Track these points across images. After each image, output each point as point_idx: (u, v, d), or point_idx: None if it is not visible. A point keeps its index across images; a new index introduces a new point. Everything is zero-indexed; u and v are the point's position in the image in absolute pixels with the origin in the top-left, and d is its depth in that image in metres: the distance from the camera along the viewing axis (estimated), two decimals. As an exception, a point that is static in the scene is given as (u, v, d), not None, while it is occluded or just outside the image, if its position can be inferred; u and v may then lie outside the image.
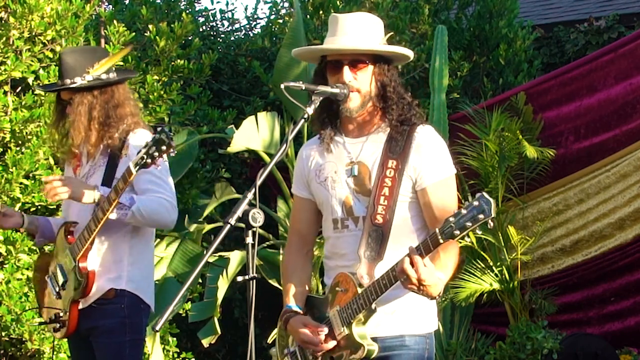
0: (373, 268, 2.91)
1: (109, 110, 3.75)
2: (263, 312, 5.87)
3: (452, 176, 3.01)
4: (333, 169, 3.07)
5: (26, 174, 5.32)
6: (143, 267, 3.77)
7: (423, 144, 2.98)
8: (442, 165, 2.99)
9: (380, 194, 2.95)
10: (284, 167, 6.33)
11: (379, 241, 2.93)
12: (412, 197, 2.98)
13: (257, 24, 8.73)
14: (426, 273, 2.70)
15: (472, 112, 6.21)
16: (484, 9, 7.46)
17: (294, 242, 3.26)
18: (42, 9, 5.46)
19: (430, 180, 2.96)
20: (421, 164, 2.96)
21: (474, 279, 5.84)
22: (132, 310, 3.69)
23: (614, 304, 6.10)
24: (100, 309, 3.68)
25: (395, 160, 2.96)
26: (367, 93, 3.00)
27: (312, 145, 3.19)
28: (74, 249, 3.68)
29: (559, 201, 6.12)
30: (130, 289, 3.69)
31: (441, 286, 2.77)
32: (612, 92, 5.90)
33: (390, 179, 2.95)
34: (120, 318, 3.67)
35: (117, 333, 3.66)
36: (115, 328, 3.67)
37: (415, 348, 2.98)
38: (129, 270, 3.71)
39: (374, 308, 2.87)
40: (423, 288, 2.72)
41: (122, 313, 3.67)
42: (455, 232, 2.64)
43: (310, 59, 3.20)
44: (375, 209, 2.94)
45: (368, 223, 2.95)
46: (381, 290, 2.82)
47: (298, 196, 3.23)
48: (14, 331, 5.23)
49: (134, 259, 3.72)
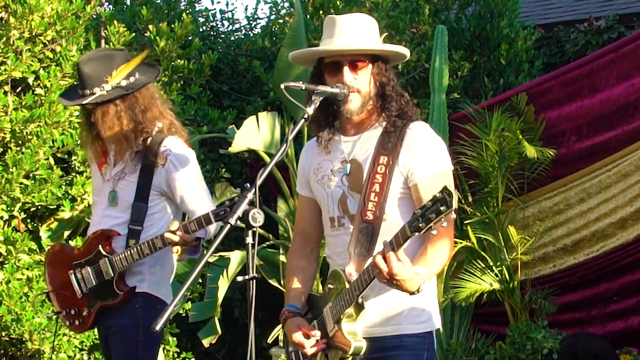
0: (362, 265, 2.90)
1: (136, 115, 3.74)
2: (263, 312, 5.88)
3: (445, 171, 2.98)
4: (329, 168, 3.09)
5: (26, 174, 5.32)
6: (164, 269, 3.81)
7: (414, 140, 2.97)
8: (434, 160, 2.98)
9: (370, 191, 2.95)
10: (284, 167, 6.33)
11: (369, 238, 2.92)
12: (402, 193, 2.97)
13: (257, 24, 8.74)
14: (398, 267, 2.67)
15: (473, 112, 6.21)
16: (484, 9, 7.47)
17: (298, 241, 3.27)
18: (43, 9, 5.46)
19: (422, 176, 2.95)
20: (412, 160, 2.95)
21: (474, 279, 5.84)
22: (147, 310, 3.71)
23: (616, 303, 6.10)
24: (116, 309, 3.74)
25: (386, 157, 2.96)
26: (367, 93, 3.01)
27: (312, 145, 3.21)
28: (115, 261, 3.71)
29: (560, 201, 6.12)
30: (148, 291, 3.74)
31: (419, 280, 2.73)
32: (614, 92, 5.89)
33: (381, 175, 2.95)
34: (134, 318, 3.71)
35: (131, 333, 3.70)
36: (129, 328, 3.71)
37: (413, 348, 2.97)
38: (151, 272, 3.76)
39: (360, 302, 2.86)
40: (396, 282, 2.70)
41: (135, 313, 3.71)
42: (420, 225, 2.61)
43: (307, 62, 3.18)
44: (365, 206, 2.94)
45: (358, 219, 2.95)
46: (363, 285, 2.81)
47: (301, 195, 3.24)
48: (14, 331, 5.24)
49: (155, 261, 3.76)
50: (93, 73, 3.73)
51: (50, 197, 5.43)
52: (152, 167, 3.71)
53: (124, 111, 3.73)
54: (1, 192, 5.29)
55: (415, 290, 2.74)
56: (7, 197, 5.32)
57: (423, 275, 2.77)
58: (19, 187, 5.31)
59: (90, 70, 3.73)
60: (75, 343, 5.39)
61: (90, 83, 3.73)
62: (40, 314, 5.24)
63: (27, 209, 5.60)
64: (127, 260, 3.68)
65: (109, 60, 3.78)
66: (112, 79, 3.73)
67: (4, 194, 5.31)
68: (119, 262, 3.70)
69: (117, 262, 3.71)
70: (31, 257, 5.39)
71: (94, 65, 3.75)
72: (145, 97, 3.79)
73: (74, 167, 5.72)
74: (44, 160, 5.40)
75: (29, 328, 5.19)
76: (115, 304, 3.73)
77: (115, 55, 3.82)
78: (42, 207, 5.59)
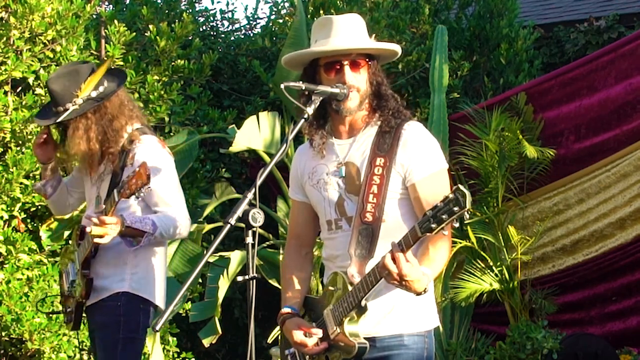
0: (364, 266, 2.91)
1: (104, 126, 3.80)
2: (263, 312, 5.88)
3: (441, 170, 3.00)
4: (325, 171, 3.09)
5: (26, 174, 5.32)
6: (147, 269, 3.83)
7: (410, 140, 2.98)
8: (431, 160, 2.99)
9: (369, 192, 2.95)
10: (284, 167, 6.32)
11: (369, 239, 2.93)
12: (401, 194, 2.98)
13: (257, 24, 8.74)
14: (408, 268, 2.69)
15: (472, 112, 6.21)
16: (484, 9, 7.47)
17: (293, 245, 3.28)
18: (43, 9, 5.46)
19: (419, 175, 2.96)
20: (409, 159, 2.96)
21: (474, 279, 5.84)
22: (129, 308, 3.77)
23: (615, 303, 6.10)
24: (100, 306, 3.81)
25: (383, 158, 2.97)
26: (365, 92, 3.03)
27: (305, 149, 3.21)
28: (79, 253, 3.83)
29: (560, 201, 6.12)
30: (129, 290, 3.78)
31: (426, 281, 2.76)
32: (613, 92, 5.89)
33: (379, 176, 2.96)
34: (116, 316, 3.76)
35: (112, 330, 3.76)
36: (110, 325, 3.76)
37: (414, 347, 2.98)
38: (132, 272, 3.80)
39: (363, 305, 2.87)
40: (405, 283, 2.72)
41: (117, 311, 3.76)
42: (432, 226, 2.61)
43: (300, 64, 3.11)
44: (364, 207, 2.95)
45: (357, 221, 2.95)
46: (368, 287, 2.82)
47: (294, 199, 3.25)
48: (14, 331, 5.24)
49: (138, 262, 3.81)
50: (63, 89, 3.80)
51: (50, 197, 5.44)
52: (123, 166, 3.77)
53: (95, 123, 3.79)
54: (1, 192, 5.29)
55: (422, 290, 2.76)
56: (7, 197, 5.33)
57: (429, 275, 2.80)
58: (19, 187, 5.31)
59: (60, 88, 3.80)
60: (75, 343, 5.39)
61: (62, 100, 3.80)
62: (40, 314, 5.24)
63: (27, 209, 5.60)
64: (82, 248, 3.79)
65: (76, 75, 3.84)
66: (82, 93, 3.80)
67: (4, 194, 5.31)
68: (80, 253, 3.82)
69: (79, 253, 3.83)
70: (31, 257, 5.39)
71: (62, 81, 3.82)
72: (114, 104, 3.85)
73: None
74: (44, 160, 5.40)
75: (29, 328, 5.19)
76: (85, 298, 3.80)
77: (80, 69, 3.87)
78: (42, 207, 5.59)
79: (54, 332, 5.26)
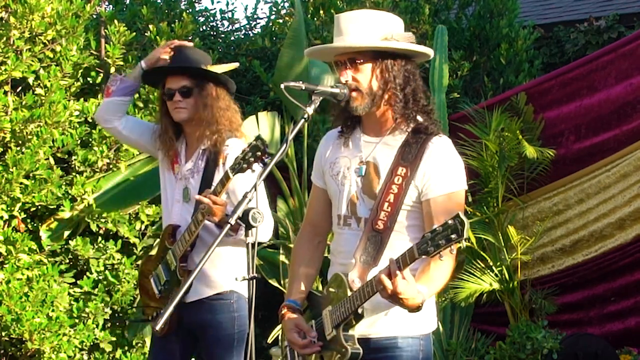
0: (366, 273, 2.88)
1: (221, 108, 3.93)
2: (263, 312, 5.87)
3: (459, 191, 2.94)
4: (346, 165, 3.04)
5: (26, 174, 5.32)
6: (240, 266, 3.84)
7: (434, 155, 2.93)
8: (450, 178, 2.93)
9: (384, 200, 2.91)
10: (284, 166, 6.33)
11: (377, 247, 2.90)
12: (413, 207, 2.93)
13: (257, 24, 8.74)
14: (403, 286, 2.65)
15: (473, 112, 6.21)
16: (484, 9, 7.47)
17: (306, 232, 3.23)
18: (43, 8, 5.46)
19: (436, 192, 2.90)
20: (429, 175, 2.91)
21: (474, 279, 5.84)
22: (240, 305, 3.86)
23: (614, 304, 6.09)
24: (210, 304, 3.87)
25: (405, 168, 2.92)
26: (368, 91, 2.94)
27: (333, 136, 3.15)
28: (175, 250, 3.84)
29: (559, 201, 6.12)
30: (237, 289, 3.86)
31: (420, 299, 2.71)
32: (613, 92, 5.89)
33: (398, 186, 2.91)
34: (230, 313, 3.85)
35: (228, 327, 3.85)
36: (226, 322, 3.85)
37: (408, 350, 2.95)
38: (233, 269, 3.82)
39: (360, 313, 2.85)
40: (399, 300, 2.69)
41: (231, 308, 3.85)
42: (429, 249, 2.58)
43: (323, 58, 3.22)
44: (377, 214, 2.91)
45: (369, 227, 2.93)
46: (365, 297, 2.81)
47: (315, 184, 3.19)
48: (14, 331, 5.23)
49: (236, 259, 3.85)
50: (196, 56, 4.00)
51: (50, 197, 5.44)
52: (215, 164, 3.84)
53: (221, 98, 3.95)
54: (1, 192, 5.29)
55: (415, 308, 2.73)
56: (7, 197, 5.33)
57: (425, 294, 2.75)
58: (19, 187, 5.31)
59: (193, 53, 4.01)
60: (75, 343, 5.39)
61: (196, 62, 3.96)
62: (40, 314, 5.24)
63: (27, 209, 5.60)
64: (181, 243, 3.80)
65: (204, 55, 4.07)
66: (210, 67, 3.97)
67: (4, 194, 5.31)
68: (176, 249, 3.84)
69: (175, 249, 3.84)
70: (31, 257, 5.39)
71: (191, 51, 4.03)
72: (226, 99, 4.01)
73: (74, 167, 5.72)
74: (44, 160, 5.41)
75: (29, 328, 5.19)
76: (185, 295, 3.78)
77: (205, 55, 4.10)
78: (42, 207, 5.59)
79: (54, 332, 5.25)
